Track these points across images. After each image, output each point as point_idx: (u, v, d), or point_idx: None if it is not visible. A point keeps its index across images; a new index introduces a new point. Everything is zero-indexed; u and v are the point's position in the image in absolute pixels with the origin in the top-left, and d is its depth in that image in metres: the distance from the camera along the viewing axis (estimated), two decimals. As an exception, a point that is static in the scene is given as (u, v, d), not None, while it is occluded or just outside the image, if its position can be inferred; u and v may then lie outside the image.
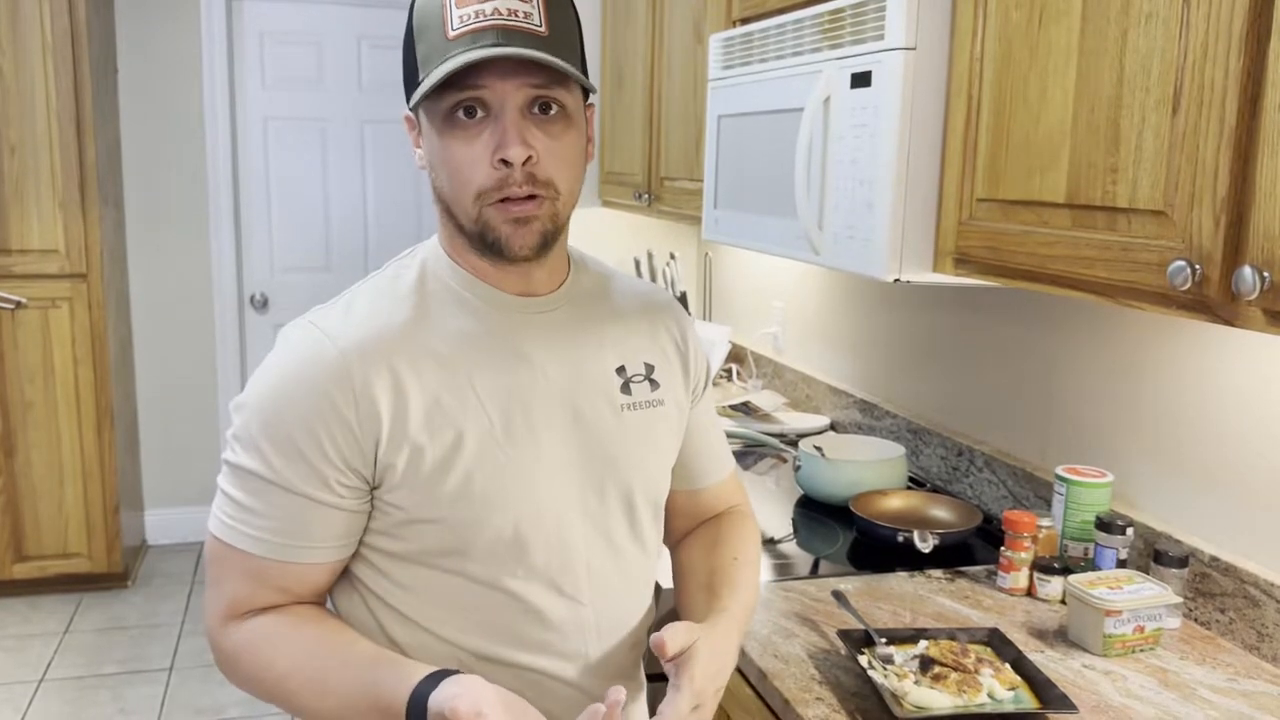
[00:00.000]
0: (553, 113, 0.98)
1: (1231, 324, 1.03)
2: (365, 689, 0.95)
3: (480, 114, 0.96)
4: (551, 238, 1.01)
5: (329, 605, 1.09)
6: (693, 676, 0.97)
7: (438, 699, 0.89)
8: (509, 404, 1.03)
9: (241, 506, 1.00)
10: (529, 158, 0.95)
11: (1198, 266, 1.04)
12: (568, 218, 1.03)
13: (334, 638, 1.00)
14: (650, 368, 1.14)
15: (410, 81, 1.00)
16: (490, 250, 1.00)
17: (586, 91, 1.04)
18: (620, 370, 1.11)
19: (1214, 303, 1.04)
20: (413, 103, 0.99)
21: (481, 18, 0.95)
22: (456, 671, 0.94)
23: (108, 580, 3.76)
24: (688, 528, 1.27)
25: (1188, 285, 1.04)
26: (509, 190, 0.96)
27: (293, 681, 0.98)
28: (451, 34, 0.95)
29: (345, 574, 1.07)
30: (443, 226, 1.06)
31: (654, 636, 0.96)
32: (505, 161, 0.95)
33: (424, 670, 0.94)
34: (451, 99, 0.96)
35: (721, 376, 3.09)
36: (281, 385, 0.99)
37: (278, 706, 1.02)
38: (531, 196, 0.97)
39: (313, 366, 0.98)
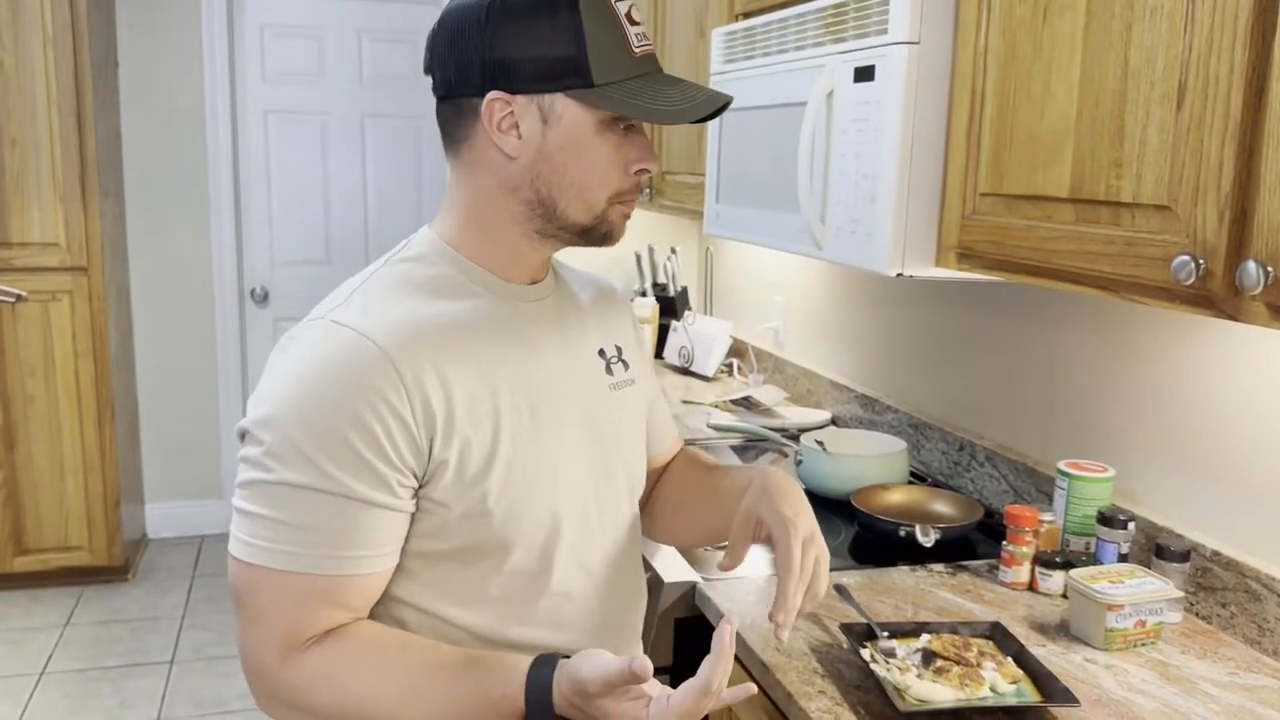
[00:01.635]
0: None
1: (1235, 319, 1.03)
2: (467, 690, 0.94)
3: (626, 125, 1.02)
4: None
5: None
6: (794, 518, 1.04)
7: (589, 669, 0.90)
8: (531, 392, 1.04)
9: (286, 526, 0.93)
10: None
11: (1202, 261, 1.04)
12: None
13: (414, 647, 0.98)
14: (620, 349, 1.19)
15: (562, 61, 0.96)
16: (593, 240, 1.06)
17: None
18: (601, 353, 1.16)
19: (1218, 297, 1.04)
20: (606, 102, 0.97)
21: (643, 40, 1.01)
22: (558, 655, 0.95)
23: (108, 573, 3.76)
24: (648, 490, 1.31)
25: (1191, 280, 1.04)
26: (635, 193, 1.05)
27: (381, 700, 0.95)
28: (636, 51, 1.00)
29: None
30: (499, 214, 1.03)
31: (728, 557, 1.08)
32: (645, 170, 1.04)
33: (527, 659, 0.95)
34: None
35: (722, 371, 3.09)
36: (320, 388, 0.92)
37: None
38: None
39: (355, 363, 0.93)
